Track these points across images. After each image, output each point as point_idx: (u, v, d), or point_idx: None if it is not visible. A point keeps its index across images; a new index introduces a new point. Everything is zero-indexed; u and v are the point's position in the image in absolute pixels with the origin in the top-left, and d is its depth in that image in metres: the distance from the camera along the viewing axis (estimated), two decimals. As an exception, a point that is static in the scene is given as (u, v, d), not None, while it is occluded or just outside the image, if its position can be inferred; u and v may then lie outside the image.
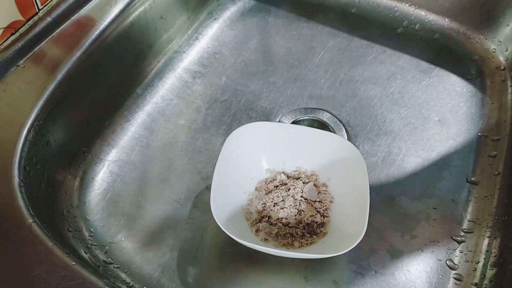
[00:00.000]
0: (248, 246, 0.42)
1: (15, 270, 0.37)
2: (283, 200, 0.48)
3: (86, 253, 0.46)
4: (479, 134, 0.57)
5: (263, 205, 0.48)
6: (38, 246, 0.38)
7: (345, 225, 0.45)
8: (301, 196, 0.49)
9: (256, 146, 0.50)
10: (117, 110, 0.58)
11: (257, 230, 0.47)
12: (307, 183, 0.49)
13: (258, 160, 0.51)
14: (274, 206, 0.47)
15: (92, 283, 0.37)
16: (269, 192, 0.49)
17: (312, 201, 0.48)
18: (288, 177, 0.51)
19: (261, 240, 0.46)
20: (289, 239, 0.46)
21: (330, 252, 0.42)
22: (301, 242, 0.46)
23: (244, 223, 0.47)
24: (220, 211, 0.43)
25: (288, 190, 0.49)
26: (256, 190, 0.50)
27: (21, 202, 0.41)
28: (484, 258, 0.47)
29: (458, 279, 0.46)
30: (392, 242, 0.48)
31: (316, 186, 0.49)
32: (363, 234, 0.41)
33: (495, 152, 0.55)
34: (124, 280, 0.45)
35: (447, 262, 0.47)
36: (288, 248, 0.45)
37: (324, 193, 0.49)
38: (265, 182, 0.50)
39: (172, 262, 0.47)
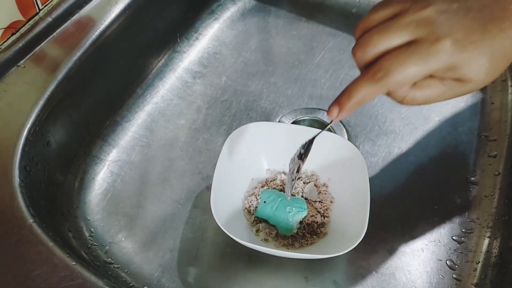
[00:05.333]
0: (248, 246, 0.42)
1: (16, 270, 0.37)
2: (283, 200, 0.48)
3: (86, 253, 0.46)
4: (479, 134, 0.57)
5: (264, 205, 0.48)
6: (38, 246, 0.39)
7: (345, 225, 0.45)
8: (302, 196, 0.49)
9: (257, 146, 0.50)
10: (118, 110, 0.58)
11: (257, 230, 0.47)
12: (307, 183, 0.49)
13: (259, 160, 0.51)
14: (274, 206, 0.47)
15: (93, 283, 0.37)
16: (269, 192, 0.49)
17: (312, 201, 0.48)
18: (288, 177, 0.51)
19: (261, 240, 0.46)
20: (289, 239, 0.46)
21: (330, 252, 0.42)
22: (301, 243, 0.46)
23: (244, 223, 0.47)
24: (220, 211, 0.43)
25: (288, 190, 0.49)
26: (256, 190, 0.50)
27: (21, 202, 0.41)
28: (484, 258, 0.47)
29: (458, 279, 0.46)
30: (393, 242, 0.48)
31: (316, 186, 0.49)
32: (363, 234, 0.41)
33: (495, 152, 0.55)
34: (124, 280, 0.45)
35: (447, 262, 0.47)
36: (288, 248, 0.45)
37: (325, 193, 0.49)
38: (266, 182, 0.50)
39: (172, 262, 0.47)
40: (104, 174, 0.53)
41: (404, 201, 0.51)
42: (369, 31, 0.32)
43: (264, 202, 0.47)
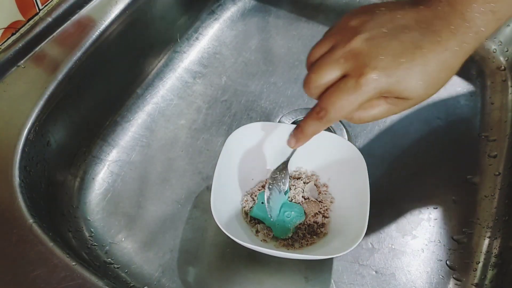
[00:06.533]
0: (248, 247, 0.42)
1: (16, 270, 0.37)
2: (283, 200, 0.48)
3: (86, 253, 0.46)
4: (479, 134, 0.57)
5: (264, 205, 0.48)
6: (38, 247, 0.39)
7: (345, 226, 0.45)
8: (302, 196, 0.49)
9: (257, 147, 0.50)
10: (118, 110, 0.58)
11: (257, 231, 0.47)
12: (307, 183, 0.49)
13: (259, 160, 0.51)
14: (274, 206, 0.47)
15: (93, 283, 0.37)
16: (269, 192, 0.49)
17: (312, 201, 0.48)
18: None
19: (261, 240, 0.46)
20: (290, 239, 0.46)
21: (330, 253, 0.42)
22: (301, 243, 0.46)
23: (244, 223, 0.47)
24: (220, 211, 0.43)
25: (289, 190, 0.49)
26: (256, 190, 0.50)
27: (21, 203, 0.41)
28: (484, 258, 0.47)
29: (458, 279, 0.46)
30: (393, 242, 0.48)
31: (316, 186, 0.49)
32: (363, 235, 0.41)
33: (495, 152, 0.55)
34: (125, 280, 0.45)
35: (448, 262, 0.47)
36: (288, 249, 0.45)
37: (325, 193, 0.49)
38: (266, 182, 0.50)
39: (172, 262, 0.47)
40: (104, 174, 0.53)
41: (404, 201, 0.51)
42: (310, 68, 0.35)
43: (262, 203, 0.47)
